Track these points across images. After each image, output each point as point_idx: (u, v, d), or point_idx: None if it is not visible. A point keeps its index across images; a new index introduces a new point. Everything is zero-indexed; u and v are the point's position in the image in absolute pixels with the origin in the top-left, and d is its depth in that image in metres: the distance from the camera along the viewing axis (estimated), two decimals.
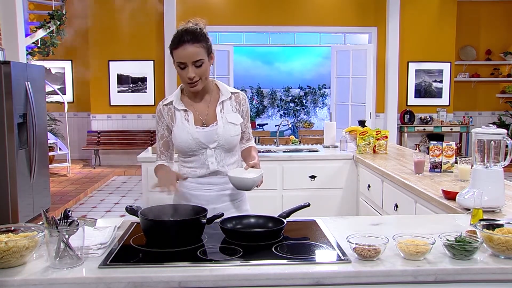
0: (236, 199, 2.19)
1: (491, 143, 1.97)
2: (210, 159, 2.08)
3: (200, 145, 2.06)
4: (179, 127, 2.08)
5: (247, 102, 2.22)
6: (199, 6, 8.51)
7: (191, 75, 1.97)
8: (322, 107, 14.42)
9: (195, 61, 1.97)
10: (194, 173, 2.12)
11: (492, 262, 1.47)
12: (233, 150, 2.15)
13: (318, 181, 4.05)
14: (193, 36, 1.96)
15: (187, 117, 2.08)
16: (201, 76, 2.01)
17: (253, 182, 1.99)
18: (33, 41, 7.07)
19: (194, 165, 2.11)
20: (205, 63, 2.00)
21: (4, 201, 4.74)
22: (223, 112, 2.10)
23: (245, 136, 2.25)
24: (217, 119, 2.08)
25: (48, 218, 1.46)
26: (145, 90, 8.85)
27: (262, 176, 2.04)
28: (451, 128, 8.83)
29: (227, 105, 2.12)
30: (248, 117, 2.24)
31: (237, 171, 2.07)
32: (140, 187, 6.79)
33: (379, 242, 1.50)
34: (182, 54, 1.96)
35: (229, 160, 2.13)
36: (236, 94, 2.16)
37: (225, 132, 2.07)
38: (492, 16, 9.25)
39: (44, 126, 5.63)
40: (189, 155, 2.10)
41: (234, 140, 2.11)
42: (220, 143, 2.07)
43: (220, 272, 1.40)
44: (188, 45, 1.95)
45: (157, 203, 1.86)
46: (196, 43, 1.96)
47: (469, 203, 2.04)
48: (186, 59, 1.96)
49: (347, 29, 8.89)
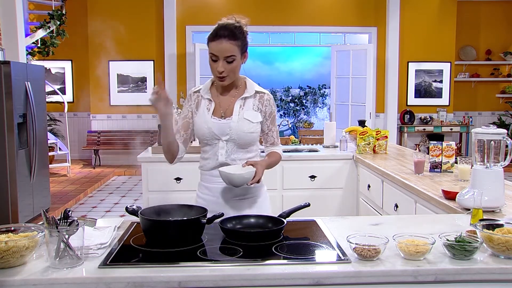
0: (253, 194, 2.19)
1: (491, 143, 1.97)
2: (220, 151, 2.12)
3: (213, 135, 2.11)
4: (200, 114, 2.14)
5: (273, 104, 2.21)
6: (199, 6, 8.51)
7: (220, 69, 2.03)
8: (322, 107, 14.42)
9: (227, 56, 2.01)
10: (207, 165, 2.17)
11: (492, 262, 1.47)
12: (247, 147, 2.15)
13: (318, 181, 4.05)
14: (230, 32, 2.01)
15: (209, 107, 2.14)
16: (230, 72, 2.05)
17: (239, 178, 1.98)
18: (33, 41, 7.07)
19: (208, 155, 2.16)
20: (237, 60, 2.04)
21: (4, 201, 4.74)
22: (242, 108, 2.13)
23: (268, 139, 2.25)
24: (233, 113, 2.12)
25: (48, 218, 1.46)
26: (145, 90, 8.84)
27: (260, 176, 2.01)
28: (451, 128, 8.84)
29: (249, 102, 2.15)
30: (273, 119, 2.22)
31: (232, 167, 2.07)
32: (140, 187, 6.78)
33: (379, 242, 1.50)
34: (216, 47, 2.02)
35: (241, 156, 2.14)
36: (261, 94, 2.18)
37: (238, 127, 2.09)
38: (492, 16, 9.25)
39: (44, 126, 5.63)
40: (204, 143, 2.17)
41: (247, 136, 2.11)
42: (231, 137, 2.10)
43: (220, 272, 1.40)
44: (223, 40, 2.00)
45: (157, 203, 1.86)
46: (232, 40, 2.01)
47: (469, 203, 2.04)
48: (218, 53, 2.01)
49: (347, 29, 8.89)
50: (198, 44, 8.13)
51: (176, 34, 8.48)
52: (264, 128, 2.21)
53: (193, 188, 3.82)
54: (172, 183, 3.87)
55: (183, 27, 8.57)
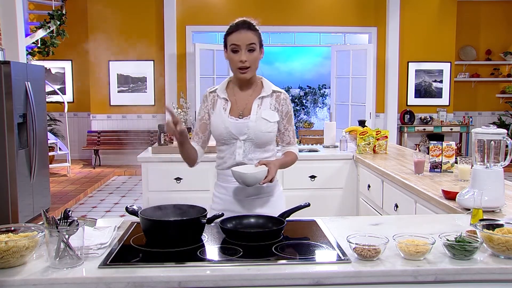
0: (267, 194, 2.20)
1: (491, 143, 1.97)
2: (238, 150, 2.13)
3: (231, 135, 2.12)
4: (217, 114, 2.15)
5: (289, 103, 2.22)
6: (199, 6, 8.52)
7: (243, 58, 2.05)
8: (322, 107, 14.41)
9: (249, 44, 2.05)
10: (224, 165, 2.18)
11: (492, 262, 1.47)
12: (264, 146, 2.16)
13: (318, 181, 4.05)
14: (249, 25, 2.09)
15: (225, 106, 2.16)
16: (252, 63, 2.08)
17: (251, 177, 1.98)
18: (33, 41, 7.08)
19: (225, 154, 2.17)
20: (257, 51, 2.09)
21: (4, 201, 4.74)
22: (259, 107, 2.14)
23: (285, 139, 2.26)
24: (251, 113, 2.13)
25: (48, 218, 1.46)
26: (145, 90, 8.85)
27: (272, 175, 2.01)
28: (451, 128, 8.84)
29: (266, 102, 2.16)
30: (289, 119, 2.23)
31: (245, 167, 2.07)
32: (140, 187, 6.78)
33: (379, 242, 1.50)
34: (237, 37, 2.06)
35: (259, 155, 2.15)
36: (277, 93, 2.20)
37: (256, 126, 2.10)
38: (492, 16, 9.25)
39: (44, 126, 5.63)
40: (221, 143, 2.18)
41: (264, 136, 2.13)
42: (249, 137, 2.11)
43: (220, 272, 1.40)
44: (243, 30, 2.06)
45: (157, 203, 1.86)
46: (251, 31, 2.08)
47: (469, 203, 2.04)
48: (240, 41, 2.05)
49: (347, 29, 8.89)
50: (198, 44, 8.13)
51: (176, 34, 8.48)
52: (281, 128, 2.22)
53: (193, 188, 3.85)
54: (172, 183, 3.87)
55: (183, 27, 8.57)
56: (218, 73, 8.23)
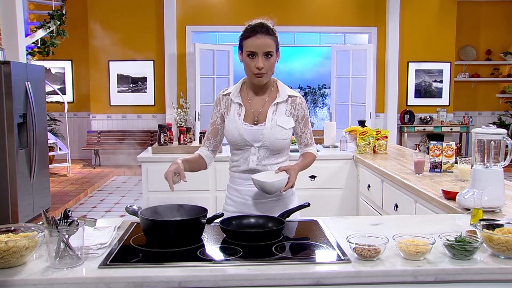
0: (281, 197, 2.17)
1: (491, 143, 1.97)
2: (252, 157, 2.10)
3: (245, 142, 2.09)
4: (231, 120, 2.12)
5: (305, 107, 2.19)
6: (199, 6, 8.52)
7: (260, 65, 2.00)
8: (322, 107, 14.43)
9: (266, 51, 2.00)
10: (237, 168, 2.16)
11: (492, 262, 1.47)
12: (279, 152, 2.13)
13: (318, 181, 4.05)
14: (266, 29, 2.03)
15: (240, 112, 2.11)
16: (268, 69, 2.04)
17: (272, 186, 1.96)
18: (33, 41, 7.07)
19: (238, 158, 2.15)
20: (273, 57, 2.04)
21: (4, 201, 4.74)
22: (275, 114, 2.10)
23: (302, 141, 2.24)
24: (266, 119, 2.09)
25: (48, 218, 1.46)
26: (145, 90, 8.85)
27: (293, 182, 1.99)
28: (451, 128, 8.83)
29: (281, 108, 2.12)
30: (305, 122, 2.20)
31: (264, 174, 2.04)
32: (140, 187, 6.78)
33: (379, 242, 1.50)
34: (254, 43, 2.00)
35: (273, 161, 2.12)
36: (293, 98, 2.15)
37: (271, 134, 2.07)
38: (492, 16, 9.25)
39: (44, 126, 5.62)
40: (235, 148, 2.15)
41: (279, 143, 2.09)
42: (264, 144, 2.08)
43: (220, 272, 1.40)
44: (260, 36, 2.00)
45: (157, 203, 1.86)
46: (269, 35, 2.02)
47: (469, 203, 2.04)
48: (257, 48, 2.00)
49: (347, 29, 8.89)
50: (198, 44, 8.13)
51: (176, 34, 8.48)
52: (297, 131, 2.20)
53: (193, 188, 3.85)
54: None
55: (183, 27, 8.57)
56: (218, 73, 8.23)
